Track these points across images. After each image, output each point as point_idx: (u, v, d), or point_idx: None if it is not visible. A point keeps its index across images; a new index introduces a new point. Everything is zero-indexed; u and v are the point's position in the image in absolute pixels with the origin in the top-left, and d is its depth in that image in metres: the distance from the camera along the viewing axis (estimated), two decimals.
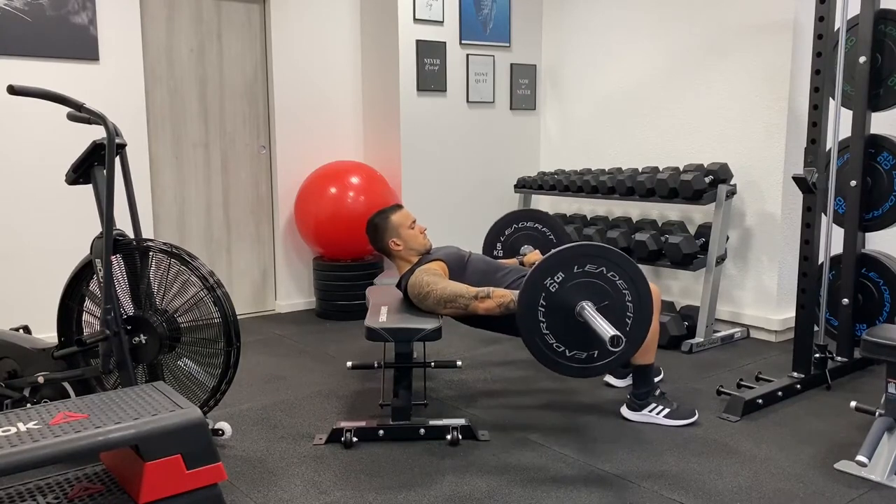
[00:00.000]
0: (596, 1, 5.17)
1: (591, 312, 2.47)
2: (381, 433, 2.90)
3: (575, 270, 2.52)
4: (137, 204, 2.88)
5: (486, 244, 4.24)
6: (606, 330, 2.35)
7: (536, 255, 3.61)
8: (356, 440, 2.88)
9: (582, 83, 5.34)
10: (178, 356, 2.79)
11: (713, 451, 2.79)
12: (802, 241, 3.38)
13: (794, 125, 4.15)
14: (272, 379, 3.72)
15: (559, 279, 2.52)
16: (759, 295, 4.35)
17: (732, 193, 4.22)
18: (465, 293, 2.86)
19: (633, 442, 2.88)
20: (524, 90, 5.54)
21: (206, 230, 4.90)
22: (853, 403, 2.90)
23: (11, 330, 3.02)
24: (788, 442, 2.87)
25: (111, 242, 2.62)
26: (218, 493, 1.94)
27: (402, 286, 3.15)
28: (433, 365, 3.41)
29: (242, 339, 2.85)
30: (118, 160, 2.71)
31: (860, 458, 2.48)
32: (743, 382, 3.41)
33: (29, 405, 2.78)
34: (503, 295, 2.80)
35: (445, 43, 5.08)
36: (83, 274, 2.83)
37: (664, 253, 4.27)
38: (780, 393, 3.29)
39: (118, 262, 2.73)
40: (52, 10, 4.08)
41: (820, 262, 3.50)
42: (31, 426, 1.83)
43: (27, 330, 3.10)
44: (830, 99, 3.38)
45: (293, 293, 5.23)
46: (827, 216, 3.47)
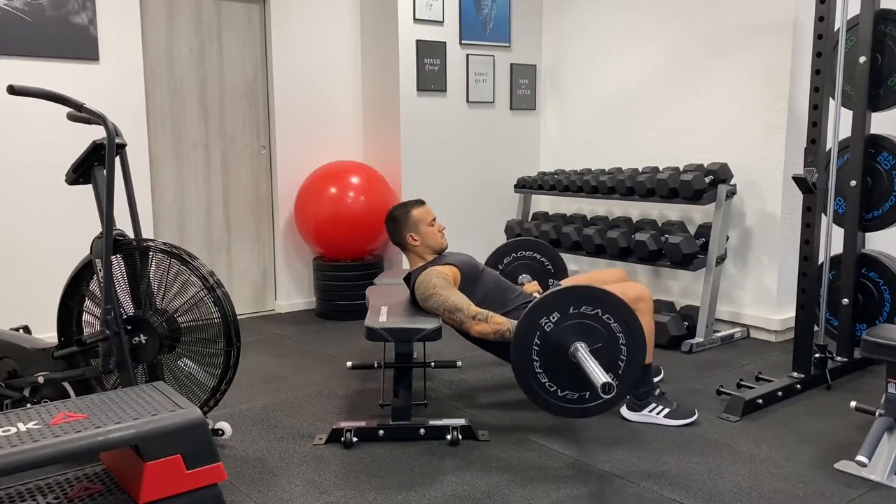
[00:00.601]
0: (596, 1, 5.17)
1: (584, 355, 2.47)
2: (381, 433, 2.90)
3: (571, 311, 2.53)
4: (137, 204, 2.89)
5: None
6: (599, 376, 2.34)
7: (534, 285, 3.60)
8: (356, 440, 2.88)
9: (582, 83, 5.34)
10: (178, 356, 2.79)
11: (713, 451, 2.79)
12: (802, 241, 3.38)
13: (794, 125, 4.15)
14: (272, 379, 3.72)
15: (555, 319, 2.53)
16: (759, 295, 4.35)
17: (732, 193, 4.22)
18: (465, 309, 2.87)
19: (633, 442, 2.88)
20: (524, 90, 5.54)
21: (206, 230, 4.90)
22: (853, 403, 2.90)
23: (11, 330, 3.02)
24: (788, 442, 2.87)
25: (111, 242, 2.62)
26: (218, 493, 1.94)
27: (410, 281, 3.15)
28: (433, 365, 3.41)
29: (242, 339, 2.85)
30: (118, 160, 2.71)
31: (860, 458, 2.48)
32: (743, 382, 3.41)
33: (29, 405, 2.78)
34: (500, 323, 2.82)
35: (445, 43, 5.08)
36: (83, 274, 2.83)
37: (664, 253, 4.27)
38: (780, 393, 3.29)
39: (118, 262, 2.73)
40: (52, 10, 4.08)
41: (820, 262, 3.50)
42: (31, 426, 1.83)
43: (27, 330, 3.10)
44: (830, 99, 3.39)
45: (293, 293, 5.23)
46: (827, 216, 3.47)
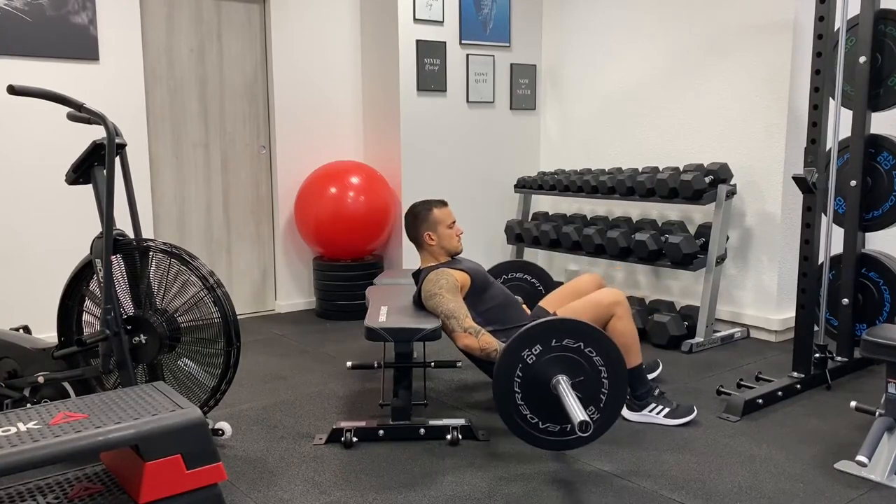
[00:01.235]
0: (596, 1, 5.17)
1: (565, 389, 2.46)
2: (381, 433, 2.90)
3: (553, 344, 2.53)
4: (137, 204, 2.89)
5: None
6: (577, 414, 2.33)
7: (524, 308, 3.59)
8: (356, 440, 2.88)
9: (582, 83, 5.34)
10: (178, 356, 2.79)
11: (713, 451, 2.79)
12: (802, 241, 3.38)
13: (794, 125, 4.15)
14: (272, 379, 3.72)
15: (537, 351, 2.53)
16: (759, 295, 4.35)
17: (732, 193, 4.22)
18: (459, 318, 2.90)
19: (633, 442, 2.88)
20: (524, 90, 5.54)
21: (206, 230, 4.90)
22: (853, 403, 2.90)
23: (11, 330, 3.02)
24: (788, 442, 2.87)
25: (111, 242, 2.62)
26: (218, 493, 1.94)
27: (420, 277, 3.16)
28: (433, 365, 3.41)
29: (242, 339, 2.85)
30: (118, 160, 2.71)
31: (860, 458, 2.48)
32: (743, 382, 3.41)
33: (29, 405, 2.78)
34: (489, 343, 2.84)
35: (445, 43, 5.08)
36: (83, 274, 2.83)
37: (664, 253, 4.26)
38: (780, 393, 3.29)
39: (118, 262, 2.73)
40: (52, 10, 4.08)
41: (820, 262, 3.50)
42: (31, 426, 1.83)
43: (27, 330, 3.10)
44: (830, 99, 3.39)
45: (293, 293, 5.23)
46: (827, 216, 3.47)
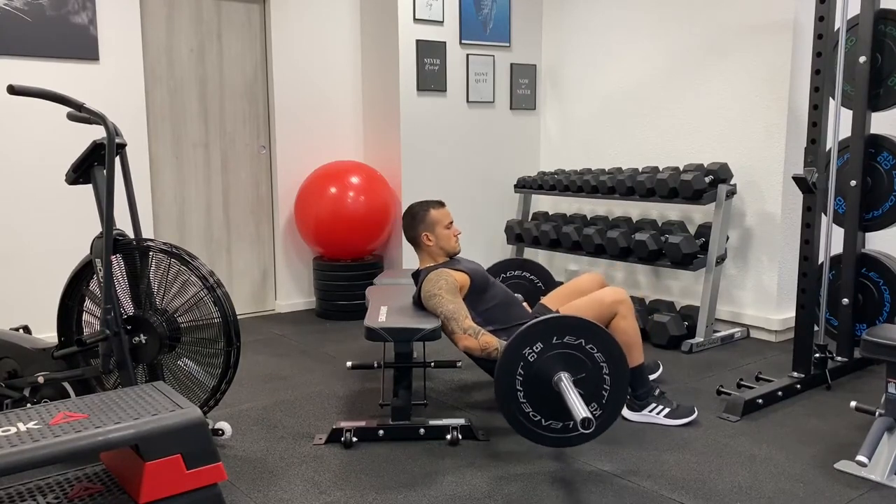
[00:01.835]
0: (596, 1, 5.17)
1: (566, 386, 2.46)
2: (381, 433, 2.90)
3: (554, 341, 2.53)
4: (137, 204, 2.89)
5: None
6: (579, 411, 2.33)
7: (525, 306, 3.60)
8: (356, 440, 2.88)
9: (582, 83, 5.34)
10: (178, 356, 2.79)
11: (713, 451, 2.79)
12: (802, 241, 3.38)
13: (794, 125, 4.15)
14: (272, 379, 3.72)
15: (538, 349, 2.53)
16: (759, 295, 4.35)
17: (732, 193, 4.22)
18: (459, 320, 2.89)
19: (633, 442, 2.88)
20: (524, 90, 5.54)
21: (206, 230, 4.90)
22: (853, 403, 2.90)
23: (11, 330, 3.02)
24: (788, 442, 2.87)
25: (111, 242, 2.62)
26: (218, 493, 1.94)
27: (419, 277, 3.16)
28: (433, 365, 3.41)
29: (242, 339, 2.85)
30: (118, 160, 2.71)
31: (860, 458, 2.48)
32: (743, 382, 3.41)
33: (29, 405, 2.78)
34: (489, 342, 2.83)
35: (445, 43, 5.08)
36: (83, 274, 2.83)
37: (664, 253, 4.26)
38: (780, 393, 3.29)
39: (118, 262, 2.73)
40: (52, 10, 4.08)
41: (820, 262, 3.50)
42: (31, 426, 1.83)
43: (27, 330, 3.10)
44: (830, 99, 3.38)
45: (293, 293, 5.23)
46: (827, 216, 3.47)
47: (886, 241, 4.05)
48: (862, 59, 3.43)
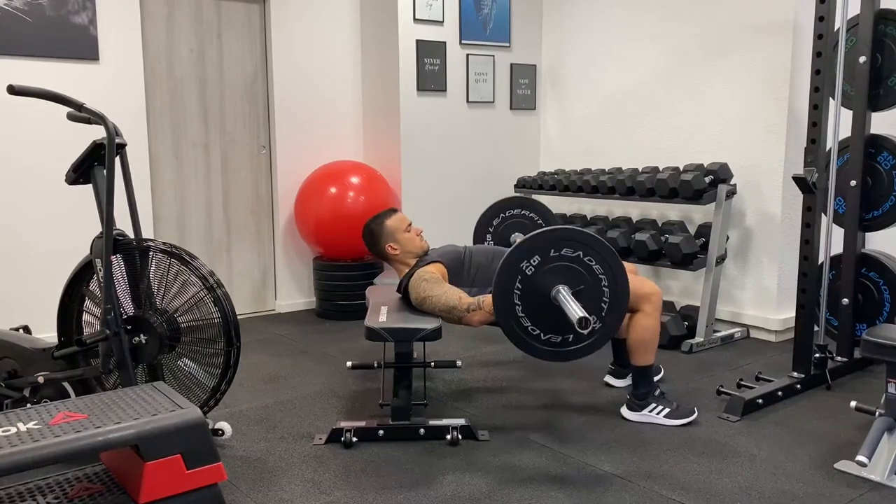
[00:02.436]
0: (596, 1, 5.17)
1: (565, 296, 2.45)
2: (381, 433, 2.90)
3: (552, 254, 2.50)
4: (137, 204, 2.88)
5: (475, 236, 4.24)
6: (575, 311, 2.33)
7: None
8: (356, 440, 2.88)
9: (582, 83, 5.34)
10: (178, 356, 2.79)
11: (713, 451, 2.79)
12: (802, 241, 3.38)
13: (794, 125, 4.14)
14: (272, 379, 3.72)
15: (535, 262, 2.50)
16: (759, 295, 4.35)
17: (732, 193, 4.22)
18: (458, 305, 2.87)
19: (633, 442, 2.87)
20: (524, 90, 5.54)
21: (206, 230, 4.90)
22: (853, 403, 2.90)
23: (11, 330, 3.02)
24: (788, 442, 2.87)
25: (111, 242, 2.62)
26: (218, 493, 1.94)
27: (401, 289, 3.15)
28: (433, 365, 3.41)
29: (242, 339, 2.84)
30: (118, 160, 2.71)
31: (860, 458, 2.48)
32: (743, 382, 3.41)
33: (29, 405, 2.78)
34: (492, 303, 2.81)
35: (445, 43, 5.08)
36: (83, 274, 2.83)
37: (664, 253, 4.26)
38: (780, 393, 3.29)
39: (118, 262, 2.73)
40: (52, 10, 4.08)
41: (820, 262, 3.50)
42: (31, 426, 1.83)
43: (27, 330, 3.10)
44: (830, 99, 3.38)
45: (293, 293, 5.23)
46: (827, 216, 3.47)
47: (886, 241, 4.04)
48: (862, 59, 3.43)
